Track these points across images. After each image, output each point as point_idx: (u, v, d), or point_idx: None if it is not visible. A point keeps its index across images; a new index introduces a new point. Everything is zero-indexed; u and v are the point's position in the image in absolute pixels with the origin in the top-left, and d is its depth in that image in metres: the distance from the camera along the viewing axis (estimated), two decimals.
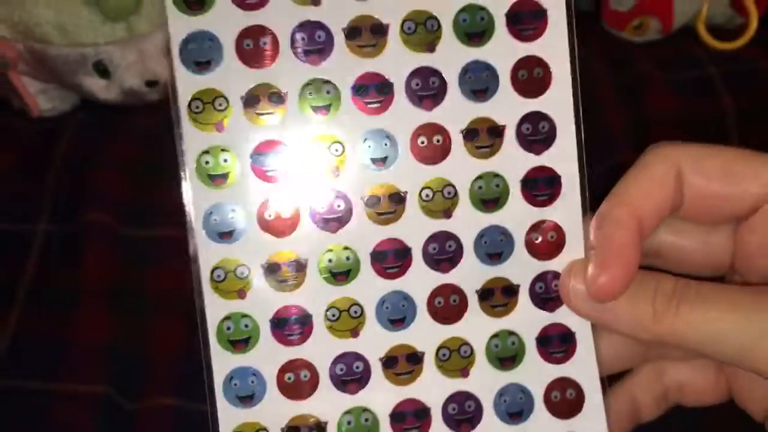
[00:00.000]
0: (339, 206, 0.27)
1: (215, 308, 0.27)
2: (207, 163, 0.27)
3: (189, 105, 0.26)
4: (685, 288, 0.25)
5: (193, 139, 0.26)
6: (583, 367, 0.28)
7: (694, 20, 0.56)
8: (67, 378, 0.38)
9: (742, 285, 0.27)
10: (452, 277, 0.28)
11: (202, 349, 0.27)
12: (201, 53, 0.26)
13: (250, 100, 0.26)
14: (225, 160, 0.27)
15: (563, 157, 0.28)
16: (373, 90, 0.27)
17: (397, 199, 0.27)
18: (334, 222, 0.27)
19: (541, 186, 0.28)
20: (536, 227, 0.28)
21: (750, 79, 0.52)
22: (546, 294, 0.28)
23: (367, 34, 0.27)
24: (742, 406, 0.28)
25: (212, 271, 0.27)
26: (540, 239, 0.28)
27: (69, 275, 0.42)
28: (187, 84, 0.26)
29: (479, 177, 0.28)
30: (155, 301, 0.42)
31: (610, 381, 0.29)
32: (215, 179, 0.27)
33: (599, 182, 0.46)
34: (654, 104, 0.51)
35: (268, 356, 0.27)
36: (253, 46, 0.26)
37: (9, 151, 0.48)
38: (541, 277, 0.28)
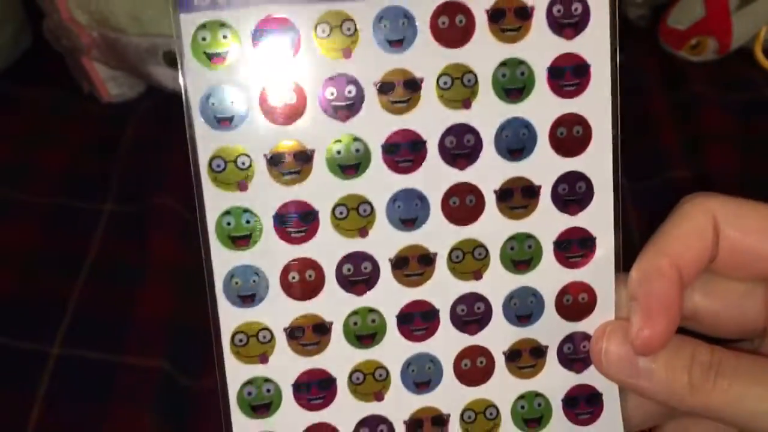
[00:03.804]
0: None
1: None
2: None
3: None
4: (723, 360, 0.24)
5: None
6: (608, 430, 0.27)
7: (752, 42, 0.55)
8: (128, 351, 0.39)
9: None
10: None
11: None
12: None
13: None
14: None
15: (599, 218, 0.26)
16: None
17: (426, 260, 0.26)
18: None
19: (575, 247, 0.26)
20: (567, 289, 0.26)
21: None
22: (574, 355, 0.27)
23: None
24: None
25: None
26: (571, 301, 0.26)
27: (132, 254, 0.43)
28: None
29: (512, 237, 0.26)
30: None
31: None
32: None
33: (653, 196, 0.46)
34: (709, 123, 0.51)
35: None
36: None
37: (79, 133, 0.49)
38: (570, 338, 0.27)
